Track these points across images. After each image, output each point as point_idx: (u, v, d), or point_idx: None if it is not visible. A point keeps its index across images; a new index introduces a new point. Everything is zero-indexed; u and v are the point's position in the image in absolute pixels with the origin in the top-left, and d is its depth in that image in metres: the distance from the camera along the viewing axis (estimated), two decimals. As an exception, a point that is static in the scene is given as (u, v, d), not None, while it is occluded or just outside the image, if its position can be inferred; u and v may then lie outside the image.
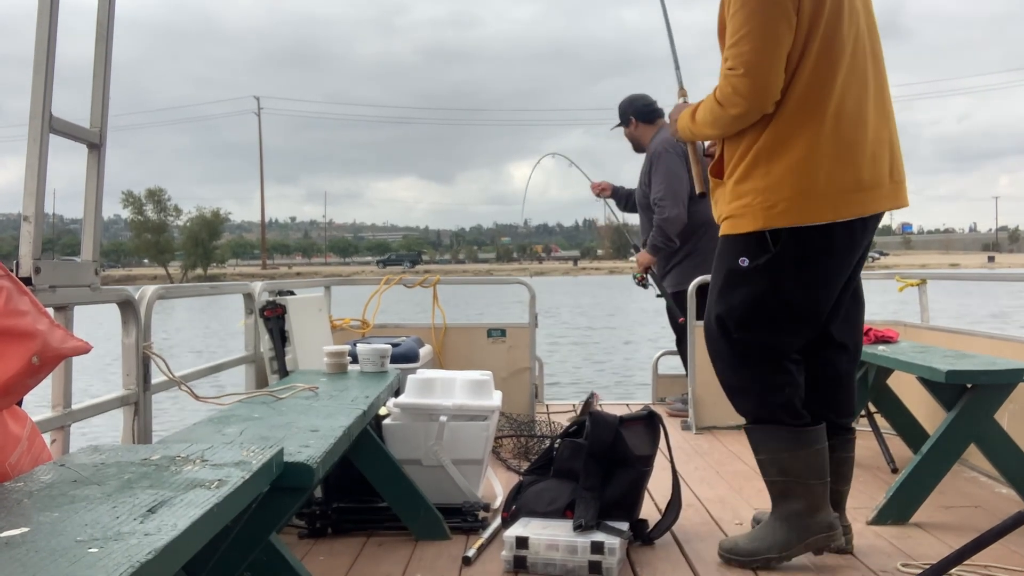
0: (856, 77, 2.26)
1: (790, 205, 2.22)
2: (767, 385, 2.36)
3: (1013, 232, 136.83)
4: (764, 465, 2.42)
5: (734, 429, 4.41)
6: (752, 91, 2.20)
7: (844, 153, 2.23)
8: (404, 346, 3.96)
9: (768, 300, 2.32)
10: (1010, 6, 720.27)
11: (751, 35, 2.20)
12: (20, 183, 1.94)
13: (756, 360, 2.37)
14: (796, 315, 2.33)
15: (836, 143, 2.22)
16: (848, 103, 2.24)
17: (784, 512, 2.37)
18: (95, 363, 10.18)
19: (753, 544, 2.39)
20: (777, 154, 2.25)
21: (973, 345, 3.54)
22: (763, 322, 2.33)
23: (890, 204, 2.32)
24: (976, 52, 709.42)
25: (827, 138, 2.22)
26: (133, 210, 71.26)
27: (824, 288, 2.33)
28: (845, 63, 2.24)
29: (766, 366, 2.36)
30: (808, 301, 2.32)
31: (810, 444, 2.35)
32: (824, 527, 2.34)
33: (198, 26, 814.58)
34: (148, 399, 2.49)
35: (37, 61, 1.92)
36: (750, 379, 2.39)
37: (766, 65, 2.19)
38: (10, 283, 1.54)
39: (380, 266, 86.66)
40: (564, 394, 8.31)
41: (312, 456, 1.69)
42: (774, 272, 2.29)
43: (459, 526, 2.72)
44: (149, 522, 1.14)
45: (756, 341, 2.35)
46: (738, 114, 2.25)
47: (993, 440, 2.82)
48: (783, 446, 2.36)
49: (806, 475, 2.34)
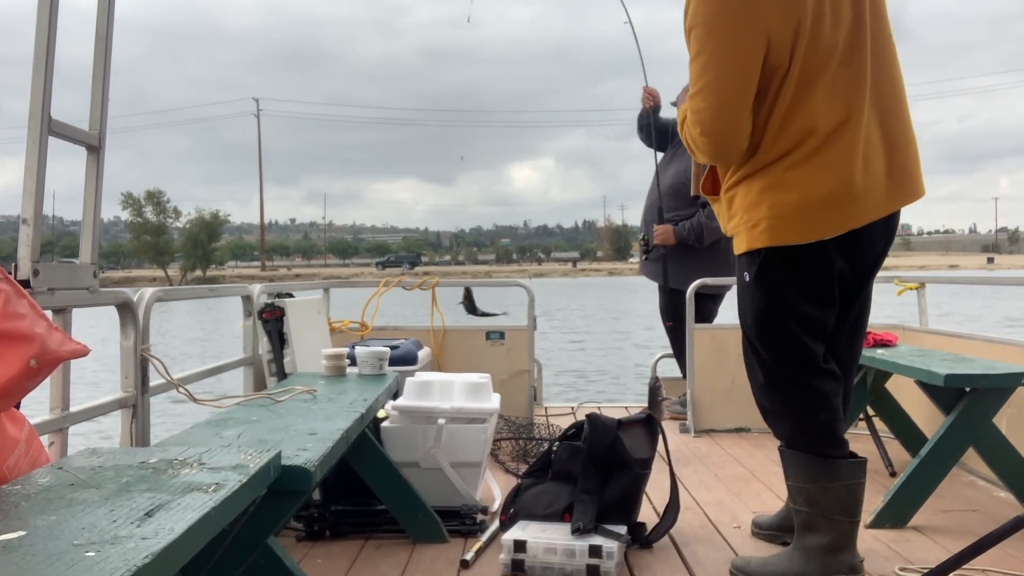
0: (844, 81, 2.11)
1: (769, 224, 2.14)
2: (800, 408, 2.24)
3: (1013, 233, 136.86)
4: (792, 492, 2.30)
5: (732, 432, 4.42)
6: (713, 151, 2.17)
7: (828, 163, 2.09)
8: (403, 348, 3.96)
9: (771, 315, 2.23)
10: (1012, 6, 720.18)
11: (711, 88, 2.07)
12: (18, 184, 1.94)
13: (783, 381, 2.25)
14: (801, 324, 2.21)
15: (818, 153, 2.10)
16: (832, 113, 2.10)
17: (805, 544, 2.25)
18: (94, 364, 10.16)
19: (765, 569, 2.29)
20: (756, 172, 2.16)
21: (972, 349, 3.55)
22: (774, 337, 2.24)
23: (891, 205, 2.18)
24: (977, 53, 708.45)
25: (805, 154, 2.10)
26: (132, 212, 71.35)
27: (822, 294, 2.21)
28: (830, 71, 2.10)
29: (793, 387, 2.24)
30: (808, 308, 2.21)
31: (844, 478, 2.21)
32: (845, 568, 2.21)
33: (198, 27, 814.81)
34: (146, 402, 2.49)
35: (36, 63, 1.92)
36: (781, 401, 2.27)
37: (726, 125, 2.09)
38: (8, 286, 1.54)
39: (379, 268, 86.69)
40: (562, 397, 8.30)
41: (310, 459, 1.69)
42: (768, 287, 2.21)
43: (457, 529, 2.72)
44: (146, 526, 1.14)
45: (775, 358, 2.24)
46: (704, 163, 2.28)
47: (991, 444, 2.82)
48: (814, 476, 2.22)
49: (834, 511, 2.20)
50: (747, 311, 2.29)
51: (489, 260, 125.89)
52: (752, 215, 2.17)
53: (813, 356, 2.23)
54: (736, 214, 2.24)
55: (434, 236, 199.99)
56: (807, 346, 2.22)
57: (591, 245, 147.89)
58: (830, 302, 2.24)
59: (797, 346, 2.22)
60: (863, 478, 2.24)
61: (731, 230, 2.29)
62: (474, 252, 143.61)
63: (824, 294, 2.22)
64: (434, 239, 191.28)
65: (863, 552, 2.52)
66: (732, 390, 4.44)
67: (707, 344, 4.46)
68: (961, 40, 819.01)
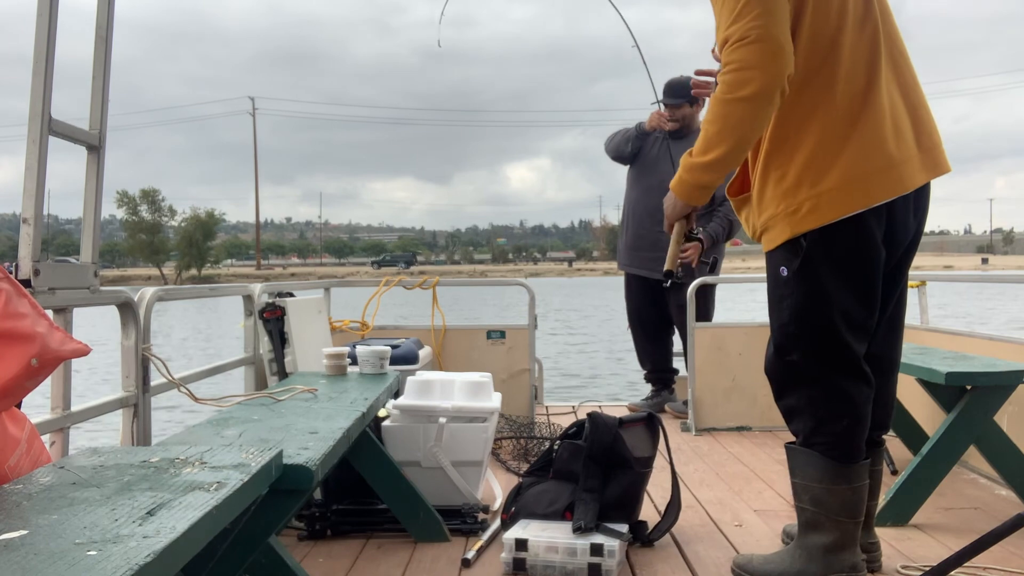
0: (863, 46, 2.05)
1: (814, 204, 2.04)
2: (824, 410, 2.15)
3: (1007, 234, 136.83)
4: (797, 490, 2.23)
5: (733, 431, 4.41)
6: (766, 55, 1.93)
7: (861, 132, 2.02)
8: (403, 348, 3.96)
9: (812, 307, 2.12)
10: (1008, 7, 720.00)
11: (751, 3, 1.95)
12: (12, 183, 1.93)
13: (811, 379, 2.16)
14: (845, 320, 2.11)
15: (848, 123, 2.02)
16: (856, 76, 2.03)
17: (809, 543, 2.21)
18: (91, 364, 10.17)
19: (767, 567, 2.26)
20: (788, 153, 2.07)
21: (972, 347, 3.55)
22: (814, 334, 2.13)
23: (926, 175, 2.10)
24: (974, 54, 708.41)
25: (838, 120, 2.03)
26: (128, 210, 71.21)
27: (867, 284, 2.11)
28: (847, 35, 2.04)
29: (821, 388, 2.15)
30: (853, 301, 2.11)
31: (850, 480, 2.16)
32: (847, 567, 2.17)
33: (193, 26, 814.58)
34: (147, 401, 2.49)
35: (36, 64, 1.92)
36: (807, 400, 2.18)
37: (777, 26, 1.94)
38: (9, 285, 1.54)
39: (375, 267, 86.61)
40: (563, 396, 8.30)
41: (311, 458, 1.69)
42: (811, 276, 2.10)
43: (458, 528, 2.72)
44: (148, 524, 1.14)
45: (810, 354, 2.15)
46: (754, 92, 1.95)
47: (993, 442, 2.82)
48: (820, 476, 2.16)
49: (839, 512, 2.16)
50: (784, 307, 2.16)
51: (485, 260, 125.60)
52: (791, 200, 2.08)
53: (854, 357, 2.14)
54: (770, 205, 2.13)
55: (430, 235, 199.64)
56: (850, 346, 2.13)
57: (587, 245, 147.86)
58: (874, 295, 2.14)
59: (838, 344, 2.12)
60: (867, 480, 2.21)
61: (764, 223, 2.16)
62: (470, 252, 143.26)
63: (870, 285, 2.12)
64: (430, 238, 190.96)
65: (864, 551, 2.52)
66: (733, 389, 4.44)
67: (707, 343, 4.46)
68: (958, 41, 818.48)
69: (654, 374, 4.90)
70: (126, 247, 72.22)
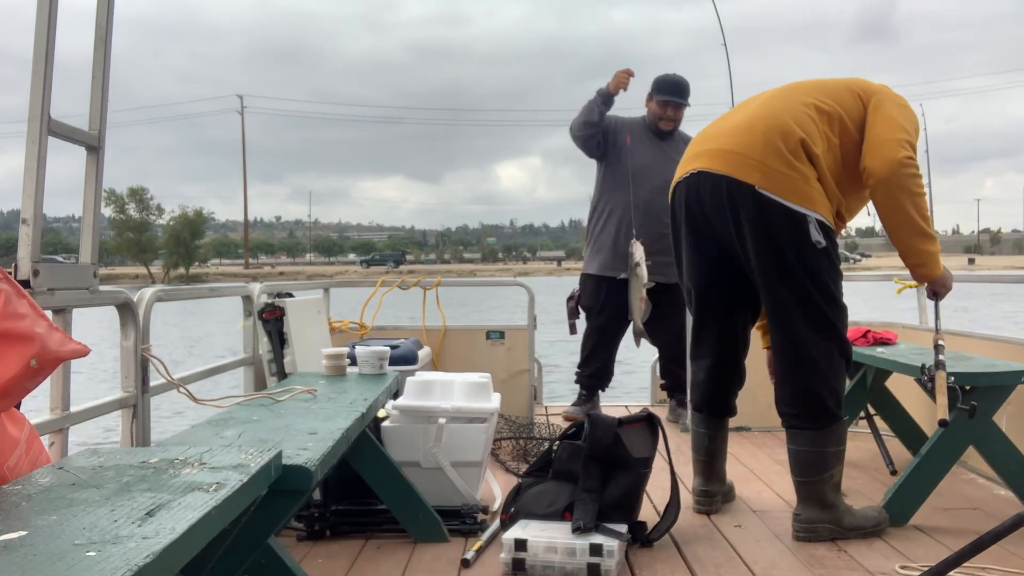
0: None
1: None
2: (844, 374, 2.75)
3: (995, 235, 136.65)
4: (831, 460, 2.66)
5: (733, 431, 4.40)
6: None
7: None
8: (403, 348, 3.96)
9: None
10: (998, 8, 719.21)
11: (909, 128, 2.63)
12: (10, 180, 1.93)
13: (844, 346, 2.70)
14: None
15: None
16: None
17: (841, 499, 2.70)
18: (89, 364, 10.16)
19: (857, 520, 2.69)
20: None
21: (971, 347, 3.54)
22: (841, 304, 2.74)
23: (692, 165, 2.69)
24: (964, 54, 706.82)
25: None
26: (115, 209, 70.53)
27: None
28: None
29: (845, 355, 2.70)
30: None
31: None
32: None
33: (182, 22, 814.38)
34: (147, 402, 2.49)
35: (36, 64, 1.92)
36: (842, 370, 2.71)
37: None
38: (8, 286, 1.54)
39: (364, 266, 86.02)
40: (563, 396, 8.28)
41: (311, 459, 1.69)
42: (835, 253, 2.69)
43: (458, 528, 2.72)
44: (147, 525, 1.14)
45: (841, 323, 2.69)
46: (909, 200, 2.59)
47: (992, 442, 2.82)
48: (843, 437, 2.71)
49: (840, 459, 2.72)
50: (829, 276, 2.61)
51: (475, 259, 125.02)
52: None
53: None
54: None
55: (420, 234, 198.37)
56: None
57: (577, 244, 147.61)
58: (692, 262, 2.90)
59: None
60: None
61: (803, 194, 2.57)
62: (460, 251, 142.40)
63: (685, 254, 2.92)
64: (420, 237, 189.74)
65: (864, 550, 2.53)
66: (732, 389, 4.42)
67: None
68: (947, 42, 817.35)
69: (594, 379, 4.69)
70: (113, 245, 71.38)
